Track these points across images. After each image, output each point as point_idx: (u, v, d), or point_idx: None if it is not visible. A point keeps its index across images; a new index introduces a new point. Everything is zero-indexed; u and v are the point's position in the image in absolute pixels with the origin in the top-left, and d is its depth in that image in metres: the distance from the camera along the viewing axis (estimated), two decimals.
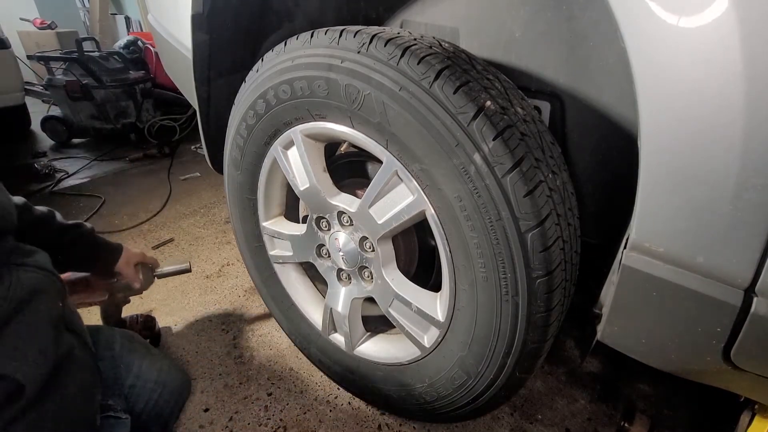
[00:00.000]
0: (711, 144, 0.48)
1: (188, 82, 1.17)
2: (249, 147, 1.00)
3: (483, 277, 0.73)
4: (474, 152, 0.64)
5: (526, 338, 0.74)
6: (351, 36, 0.74)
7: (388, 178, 0.78)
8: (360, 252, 0.91)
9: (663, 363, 0.68)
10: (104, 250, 1.17)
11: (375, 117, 0.73)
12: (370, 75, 0.70)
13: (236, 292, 1.64)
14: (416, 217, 0.78)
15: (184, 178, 2.77)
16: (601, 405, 1.17)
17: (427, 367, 0.92)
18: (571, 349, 1.36)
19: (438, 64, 0.66)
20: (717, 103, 0.46)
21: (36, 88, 3.97)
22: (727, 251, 0.51)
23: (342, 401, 1.18)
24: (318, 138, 0.91)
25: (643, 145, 0.52)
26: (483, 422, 1.12)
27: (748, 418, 0.76)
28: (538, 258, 0.67)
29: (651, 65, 0.49)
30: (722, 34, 0.44)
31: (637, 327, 0.65)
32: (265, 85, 0.88)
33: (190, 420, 1.13)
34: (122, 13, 5.63)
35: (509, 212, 0.65)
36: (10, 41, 3.09)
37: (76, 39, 3.24)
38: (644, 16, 0.48)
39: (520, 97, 0.74)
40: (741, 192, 0.47)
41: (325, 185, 0.91)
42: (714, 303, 0.54)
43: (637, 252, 0.58)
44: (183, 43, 1.19)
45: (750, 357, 0.56)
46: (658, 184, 0.53)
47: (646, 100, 0.51)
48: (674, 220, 0.53)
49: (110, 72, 3.17)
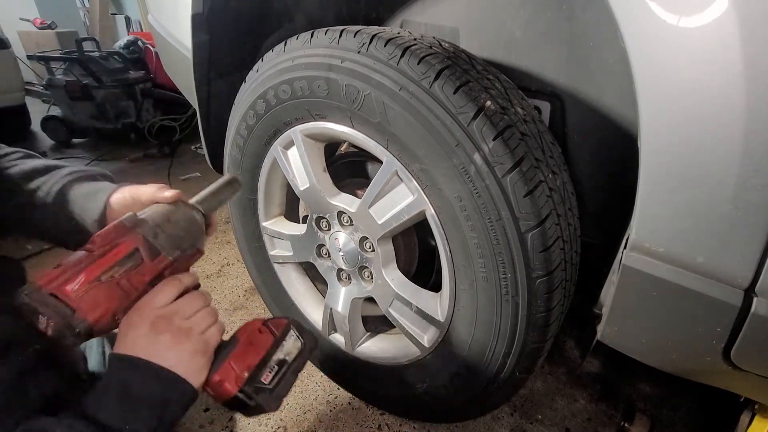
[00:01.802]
0: (711, 144, 0.48)
1: (188, 82, 1.17)
2: (249, 147, 1.00)
3: (483, 277, 0.73)
4: (474, 152, 0.64)
5: (526, 338, 0.74)
6: (351, 36, 0.74)
7: (388, 178, 0.78)
8: (360, 252, 0.91)
9: (663, 363, 0.68)
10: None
11: (375, 117, 0.73)
12: (370, 75, 0.70)
13: (236, 292, 1.64)
14: (416, 217, 0.78)
15: (184, 178, 2.77)
16: (601, 405, 1.17)
17: (427, 367, 0.92)
18: (571, 349, 1.36)
19: (438, 64, 0.66)
20: (717, 103, 0.46)
21: (36, 88, 3.97)
22: (727, 251, 0.51)
23: (342, 401, 1.18)
24: (318, 138, 0.90)
25: (643, 145, 0.52)
26: (483, 422, 1.12)
27: (748, 418, 0.76)
28: (538, 258, 0.67)
29: (651, 65, 0.49)
30: (722, 34, 0.44)
31: (637, 327, 0.65)
32: (265, 85, 0.88)
33: (190, 420, 1.13)
34: (122, 13, 5.63)
35: (509, 212, 0.65)
36: (10, 41, 3.09)
37: (76, 39, 3.24)
38: (644, 16, 0.48)
39: (520, 97, 0.74)
40: (741, 192, 0.47)
41: (325, 185, 0.91)
42: (714, 303, 0.54)
43: (638, 252, 0.58)
44: (183, 43, 1.19)
45: (750, 357, 0.56)
46: (658, 184, 0.53)
47: (646, 100, 0.51)
48: (674, 220, 0.53)
49: (110, 72, 3.17)
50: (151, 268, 0.51)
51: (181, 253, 0.54)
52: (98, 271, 0.46)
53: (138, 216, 0.52)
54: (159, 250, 0.52)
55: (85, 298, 0.44)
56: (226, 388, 0.51)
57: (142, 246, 0.50)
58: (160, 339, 0.50)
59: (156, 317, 0.50)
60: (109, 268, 0.46)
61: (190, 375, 0.50)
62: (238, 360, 0.53)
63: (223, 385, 0.51)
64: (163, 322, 0.50)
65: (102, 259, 0.47)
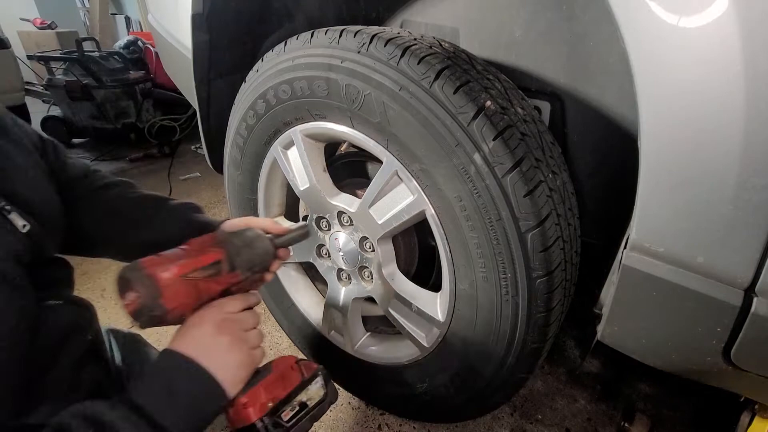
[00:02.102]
0: (711, 144, 0.48)
1: (188, 82, 1.17)
2: (249, 147, 1.00)
3: (483, 277, 0.72)
4: (474, 152, 0.64)
5: (526, 338, 0.74)
6: (351, 36, 0.74)
7: (388, 178, 0.78)
8: (360, 252, 0.91)
9: (663, 363, 0.68)
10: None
11: (375, 117, 0.73)
12: (371, 75, 0.70)
13: None
14: (416, 217, 0.78)
15: (184, 178, 2.77)
16: (601, 405, 1.17)
17: (426, 367, 0.91)
18: (571, 349, 1.36)
19: (438, 64, 0.66)
20: (717, 103, 0.46)
21: (36, 88, 3.96)
22: (727, 251, 0.51)
23: (342, 401, 1.18)
24: (318, 138, 0.90)
25: (644, 145, 0.52)
26: (483, 422, 1.11)
27: (748, 418, 0.76)
28: (538, 258, 0.67)
29: (651, 65, 0.49)
30: (722, 34, 0.44)
31: (637, 327, 0.65)
32: (265, 85, 0.88)
33: None
34: (122, 13, 5.63)
35: (509, 212, 0.65)
36: (10, 41, 3.09)
37: (76, 39, 3.23)
38: (644, 16, 0.48)
39: (521, 97, 0.74)
40: (741, 192, 0.47)
41: (325, 185, 0.91)
42: (714, 303, 0.54)
43: (638, 252, 0.58)
44: (183, 43, 1.19)
45: (750, 357, 0.56)
46: (658, 184, 0.53)
47: (646, 100, 0.51)
48: (674, 220, 0.53)
49: (110, 72, 3.17)
50: (225, 280, 0.56)
51: (251, 274, 0.60)
52: (187, 269, 0.52)
53: (229, 234, 0.60)
54: (236, 267, 0.57)
55: (171, 287, 0.50)
56: (247, 413, 0.52)
57: (224, 260, 0.56)
58: (219, 340, 0.53)
59: (223, 320, 0.54)
60: (195, 269, 0.52)
61: (228, 384, 0.51)
62: (268, 389, 0.55)
63: (247, 408, 0.52)
64: (228, 326, 0.54)
65: (192, 260, 0.53)
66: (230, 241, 0.58)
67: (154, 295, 0.48)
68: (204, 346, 0.51)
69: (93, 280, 1.74)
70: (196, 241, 0.57)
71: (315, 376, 0.61)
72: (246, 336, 0.56)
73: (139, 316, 0.49)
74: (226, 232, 0.60)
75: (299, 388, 0.58)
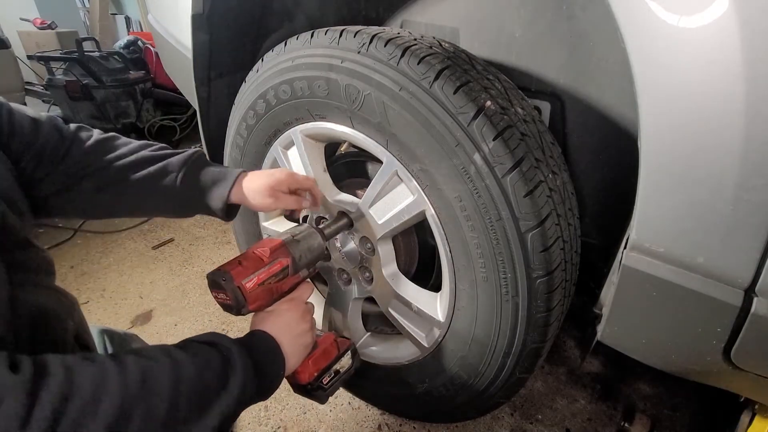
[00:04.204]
0: (711, 144, 0.48)
1: (188, 82, 1.17)
2: (249, 147, 1.00)
3: (483, 277, 0.73)
4: (474, 152, 0.64)
5: (526, 338, 0.74)
6: (351, 36, 0.74)
7: (388, 178, 0.78)
8: (360, 252, 0.91)
9: (663, 363, 0.68)
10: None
11: (375, 117, 0.73)
12: (371, 75, 0.70)
13: None
14: (416, 217, 0.78)
15: None
16: (601, 405, 1.17)
17: (427, 367, 0.91)
18: (571, 349, 1.36)
19: (438, 64, 0.66)
20: (717, 103, 0.46)
21: (36, 88, 3.96)
22: (728, 251, 0.51)
23: (342, 401, 1.18)
24: (318, 138, 0.91)
25: (644, 145, 0.52)
26: (483, 422, 1.12)
27: (748, 418, 0.77)
28: (538, 258, 0.67)
29: (651, 65, 0.49)
30: (722, 34, 0.44)
31: (638, 327, 0.65)
32: (265, 85, 0.88)
33: None
34: (122, 13, 5.63)
35: (509, 212, 0.65)
36: (10, 41, 3.09)
37: (76, 39, 3.23)
38: (644, 16, 0.48)
39: (521, 97, 0.74)
40: (741, 192, 0.47)
41: (325, 185, 0.91)
42: (714, 303, 0.54)
43: (638, 252, 0.58)
44: (183, 43, 1.19)
45: (750, 357, 0.56)
46: (658, 185, 0.53)
47: (646, 100, 0.51)
48: (674, 221, 0.53)
49: (110, 72, 3.16)
50: (291, 281, 0.70)
51: (308, 273, 0.74)
52: (264, 277, 0.65)
53: (295, 239, 0.71)
54: (299, 269, 0.71)
55: (253, 295, 0.63)
56: (301, 378, 0.70)
57: (291, 265, 0.69)
58: (301, 326, 0.68)
59: (305, 310, 0.71)
60: (271, 277, 0.66)
61: (291, 360, 0.64)
62: (315, 362, 0.72)
63: (300, 375, 0.70)
64: (308, 316, 0.71)
65: (269, 269, 0.66)
66: (296, 246, 0.71)
67: (241, 302, 0.62)
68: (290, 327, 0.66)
69: (93, 280, 1.74)
70: (271, 249, 0.67)
71: (347, 350, 0.78)
72: (310, 323, 0.70)
73: (226, 310, 0.65)
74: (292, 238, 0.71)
75: (335, 360, 0.75)
